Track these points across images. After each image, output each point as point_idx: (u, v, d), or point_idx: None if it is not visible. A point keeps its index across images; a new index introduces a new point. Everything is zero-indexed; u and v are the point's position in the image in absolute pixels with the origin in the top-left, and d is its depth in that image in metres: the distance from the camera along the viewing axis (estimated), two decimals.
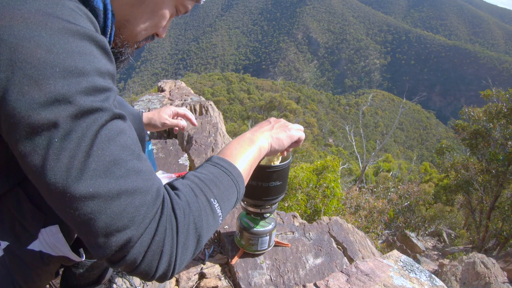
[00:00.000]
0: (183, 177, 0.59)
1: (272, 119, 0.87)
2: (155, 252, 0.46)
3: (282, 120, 0.86)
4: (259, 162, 1.02)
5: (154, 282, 1.00)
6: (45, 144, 0.41)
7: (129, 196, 0.45)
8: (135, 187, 0.45)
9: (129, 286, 0.97)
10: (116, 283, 1.00)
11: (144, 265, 0.46)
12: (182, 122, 1.21)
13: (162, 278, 0.49)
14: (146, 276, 0.48)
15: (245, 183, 0.67)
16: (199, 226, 0.52)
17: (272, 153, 0.81)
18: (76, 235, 0.69)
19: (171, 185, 0.55)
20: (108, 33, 0.61)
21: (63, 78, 0.42)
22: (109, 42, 0.63)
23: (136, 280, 1.00)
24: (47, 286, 1.06)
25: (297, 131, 0.85)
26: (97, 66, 0.46)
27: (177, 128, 1.24)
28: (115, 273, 1.04)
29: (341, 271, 1.04)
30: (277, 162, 0.97)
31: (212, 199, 0.56)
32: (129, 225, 0.44)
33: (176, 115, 1.22)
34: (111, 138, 0.45)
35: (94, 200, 0.42)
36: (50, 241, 0.64)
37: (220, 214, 0.57)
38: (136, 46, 0.72)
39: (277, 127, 0.83)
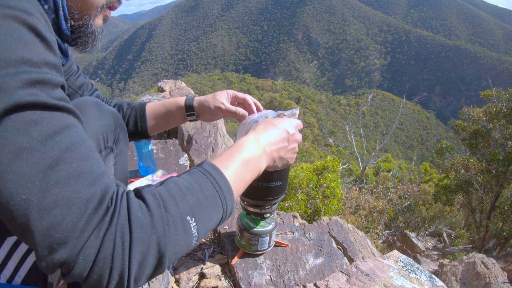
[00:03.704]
0: (161, 183, 0.51)
1: (292, 133, 0.76)
2: (103, 268, 0.41)
3: (299, 140, 0.79)
4: None
5: (156, 281, 1.00)
6: None
7: (65, 206, 0.39)
8: (73, 195, 0.40)
9: None
10: None
11: (92, 280, 0.41)
12: (241, 110, 0.98)
13: None
14: None
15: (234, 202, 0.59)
16: (163, 246, 0.44)
17: None
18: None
19: (139, 193, 0.47)
20: (60, 5, 0.57)
21: None
22: (64, 16, 0.59)
23: None
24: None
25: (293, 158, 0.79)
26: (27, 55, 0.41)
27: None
28: None
29: (341, 271, 1.04)
30: None
31: (188, 217, 0.48)
32: (67, 239, 0.39)
33: (235, 99, 1.01)
34: (50, 135, 0.40)
35: (26, 208, 0.38)
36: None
37: (195, 235, 0.49)
38: (102, 17, 0.67)
39: (289, 151, 0.76)
